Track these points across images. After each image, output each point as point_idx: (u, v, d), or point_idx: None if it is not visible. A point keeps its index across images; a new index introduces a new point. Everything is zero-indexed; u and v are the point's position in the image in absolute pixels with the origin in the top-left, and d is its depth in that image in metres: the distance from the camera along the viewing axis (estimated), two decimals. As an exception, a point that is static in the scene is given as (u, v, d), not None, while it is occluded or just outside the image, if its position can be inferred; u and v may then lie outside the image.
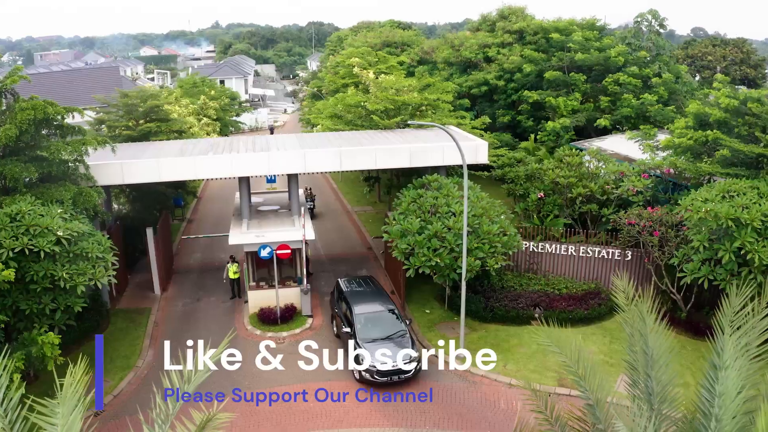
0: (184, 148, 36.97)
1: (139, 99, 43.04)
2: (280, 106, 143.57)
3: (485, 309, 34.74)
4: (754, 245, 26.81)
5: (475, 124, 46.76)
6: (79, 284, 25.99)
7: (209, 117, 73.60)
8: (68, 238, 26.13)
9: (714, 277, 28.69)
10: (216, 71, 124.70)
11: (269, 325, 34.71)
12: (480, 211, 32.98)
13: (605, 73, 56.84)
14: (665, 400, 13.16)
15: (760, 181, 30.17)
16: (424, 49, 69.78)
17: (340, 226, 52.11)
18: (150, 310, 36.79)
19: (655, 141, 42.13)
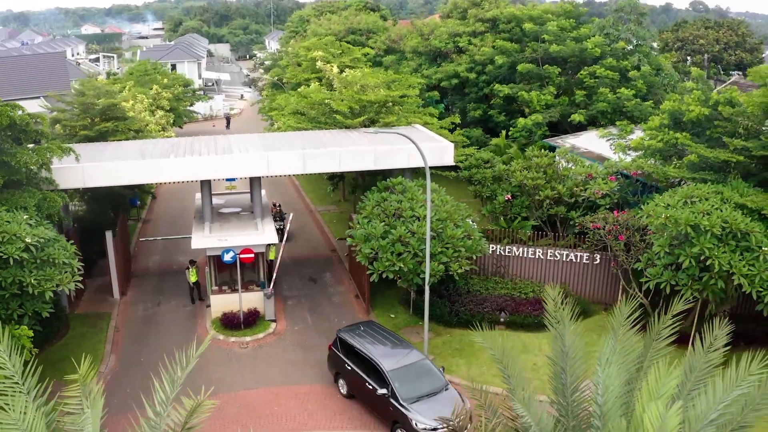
0: (144, 150, 40.41)
1: (95, 96, 46.29)
2: (236, 92, 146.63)
3: (450, 313, 38.60)
4: (714, 251, 30.74)
5: (443, 124, 50.48)
6: (47, 290, 29.51)
7: (162, 108, 76.93)
8: (36, 245, 29.60)
9: (676, 281, 32.66)
10: (167, 54, 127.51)
11: (232, 329, 38.36)
12: (444, 215, 36.79)
13: (581, 65, 60.67)
14: (576, 391, 16.98)
15: (725, 186, 34.13)
16: (391, 37, 73.38)
17: (302, 227, 55.77)
18: (110, 314, 40.29)
19: (626, 140, 46.02)
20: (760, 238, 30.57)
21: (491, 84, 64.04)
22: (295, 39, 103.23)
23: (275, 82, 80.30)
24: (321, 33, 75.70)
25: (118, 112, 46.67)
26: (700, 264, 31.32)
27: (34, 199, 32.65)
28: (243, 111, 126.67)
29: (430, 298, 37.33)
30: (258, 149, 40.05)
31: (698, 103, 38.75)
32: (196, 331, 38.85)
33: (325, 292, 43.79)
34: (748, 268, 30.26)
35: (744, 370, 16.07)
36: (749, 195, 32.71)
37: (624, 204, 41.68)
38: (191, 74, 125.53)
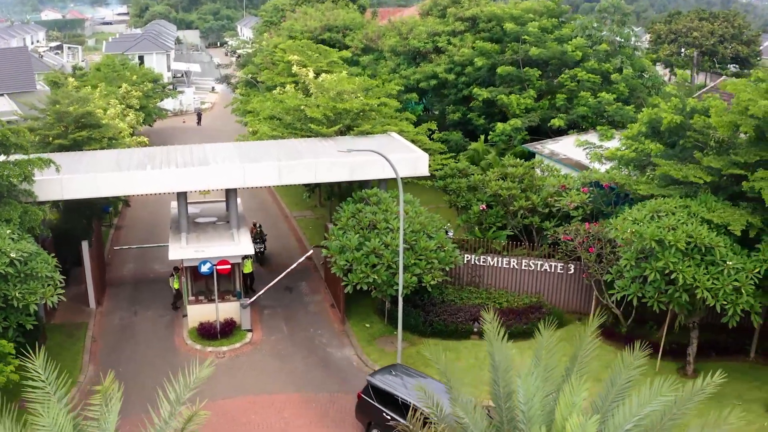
0: (120, 160, 43.82)
1: (69, 103, 49.51)
2: (206, 84, 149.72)
3: (424, 323, 42.24)
4: (678, 265, 34.37)
5: (420, 130, 54.07)
6: (31, 303, 33.02)
7: (132, 107, 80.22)
8: (20, 259, 33.05)
9: (643, 294, 36.37)
10: (134, 45, 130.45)
11: (209, 339, 41.89)
12: (418, 226, 40.41)
13: (562, 67, 64.39)
14: (509, 399, 20.74)
15: (693, 200, 37.70)
16: (368, 35, 76.91)
17: (278, 234, 59.31)
18: (86, 324, 43.74)
19: (602, 149, 49.68)
20: (725, 253, 34.12)
21: (471, 86, 67.67)
22: (270, 33, 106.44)
23: (249, 80, 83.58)
24: (297, 30, 79.07)
25: (92, 120, 49.95)
26: (666, 277, 34.92)
27: (17, 212, 36.04)
28: (214, 105, 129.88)
29: (405, 308, 41.02)
30: (234, 160, 43.55)
31: (673, 110, 42.32)
32: (174, 340, 42.34)
33: (301, 302, 47.37)
34: (712, 281, 33.78)
35: (659, 386, 19.69)
36: (717, 209, 36.23)
37: (599, 214, 45.26)
38: (160, 66, 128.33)
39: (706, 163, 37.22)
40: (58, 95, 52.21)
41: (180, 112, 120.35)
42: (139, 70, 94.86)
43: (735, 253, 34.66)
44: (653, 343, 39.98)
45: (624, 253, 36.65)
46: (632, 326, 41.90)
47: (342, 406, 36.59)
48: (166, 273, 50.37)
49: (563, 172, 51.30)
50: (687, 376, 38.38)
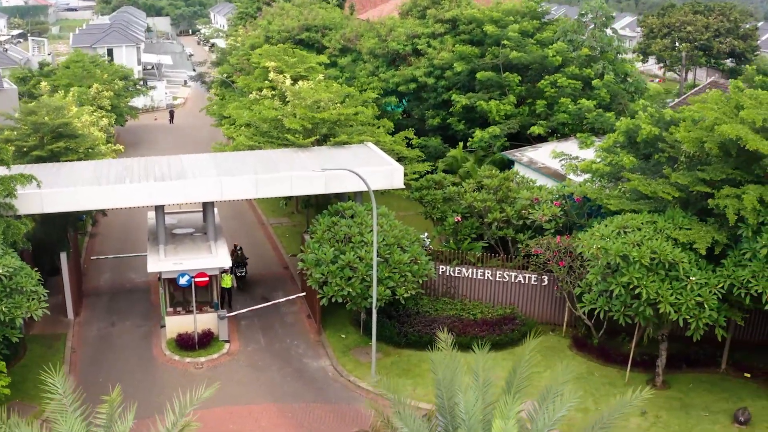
0: (99, 173, 47.60)
1: (46, 113, 53.17)
2: (178, 77, 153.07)
3: (399, 334, 46.19)
4: (642, 280, 38.33)
5: (396, 139, 57.99)
6: (17, 317, 36.84)
7: (104, 108, 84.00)
8: (6, 275, 36.86)
9: (609, 308, 40.40)
10: (102, 38, 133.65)
11: (187, 350, 45.75)
12: (392, 240, 44.38)
13: (543, 72, 68.38)
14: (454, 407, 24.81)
15: (661, 215, 41.55)
16: (346, 35, 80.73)
17: (254, 242, 63.26)
18: (65, 335, 47.55)
19: (578, 160, 53.53)
20: (688, 269, 38.08)
21: (450, 90, 71.62)
22: (245, 27, 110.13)
23: (224, 80, 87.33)
24: (274, 30, 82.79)
25: (69, 130, 53.67)
26: (631, 292, 38.86)
27: (0, 227, 39.84)
28: (187, 100, 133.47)
29: (380, 319, 45.03)
30: (211, 172, 47.46)
31: (650, 122, 46.16)
32: (152, 351, 46.23)
33: (278, 312, 51.27)
34: (676, 296, 37.74)
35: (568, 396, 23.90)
36: (684, 225, 40.03)
37: (573, 226, 49.16)
38: (129, 60, 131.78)
39: (674, 179, 40.95)
40: (33, 106, 55.62)
41: (151, 109, 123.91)
42: (109, 68, 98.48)
43: (700, 268, 38.54)
44: (624, 355, 44.26)
45: (591, 268, 40.64)
46: (604, 338, 45.90)
47: (317, 416, 40.57)
48: (143, 283, 54.56)
49: (540, 182, 55.25)
50: (656, 387, 42.43)
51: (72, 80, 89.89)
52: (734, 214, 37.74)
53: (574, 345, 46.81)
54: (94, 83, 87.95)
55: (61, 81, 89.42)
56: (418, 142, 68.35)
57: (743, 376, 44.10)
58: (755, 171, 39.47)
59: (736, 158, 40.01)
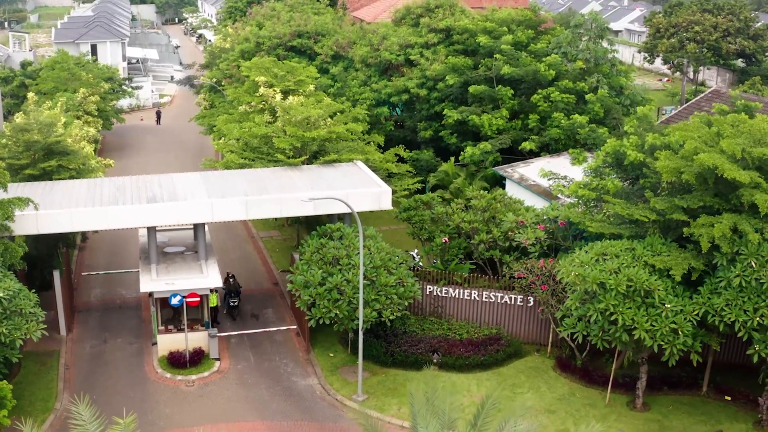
0: (92, 192, 52.02)
1: (38, 131, 57.44)
2: (164, 72, 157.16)
3: (386, 354, 50.61)
4: (619, 307, 42.60)
5: (387, 156, 62.43)
6: (17, 339, 41.27)
7: (91, 114, 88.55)
8: (6, 298, 41.29)
9: (588, 332, 44.79)
10: (85, 33, 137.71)
11: (179, 368, 50.18)
12: (379, 262, 48.82)
13: (536, 86, 72.60)
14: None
15: (640, 242, 45.71)
16: (339, 42, 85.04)
17: (244, 256, 67.81)
18: (58, 352, 51.97)
19: (567, 180, 57.79)
20: (664, 296, 42.35)
21: (443, 101, 76.08)
22: (234, 26, 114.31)
23: (213, 85, 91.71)
24: (265, 36, 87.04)
25: (61, 147, 58.05)
26: (608, 318, 43.17)
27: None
28: (174, 98, 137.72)
29: (367, 338, 49.56)
30: (201, 193, 51.94)
31: (635, 147, 50.37)
32: (144, 369, 50.68)
33: (267, 329, 55.71)
34: (651, 323, 42.02)
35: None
36: (662, 252, 44.27)
37: (559, 247, 53.47)
38: (114, 56, 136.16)
39: (653, 204, 45.24)
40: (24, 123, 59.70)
41: (137, 107, 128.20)
42: (94, 69, 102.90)
43: (676, 295, 42.84)
44: (607, 376, 48.62)
45: (570, 293, 45.03)
46: (587, 359, 50.24)
47: (303, 433, 45.17)
48: (133, 299, 59.08)
49: (530, 200, 59.75)
50: (636, 409, 46.89)
51: (57, 83, 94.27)
52: (708, 243, 41.75)
53: (558, 366, 51.08)
54: (80, 87, 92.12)
55: (47, 85, 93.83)
56: (409, 155, 72.76)
57: (724, 399, 48.10)
58: (732, 200, 43.57)
59: (714, 187, 44.02)
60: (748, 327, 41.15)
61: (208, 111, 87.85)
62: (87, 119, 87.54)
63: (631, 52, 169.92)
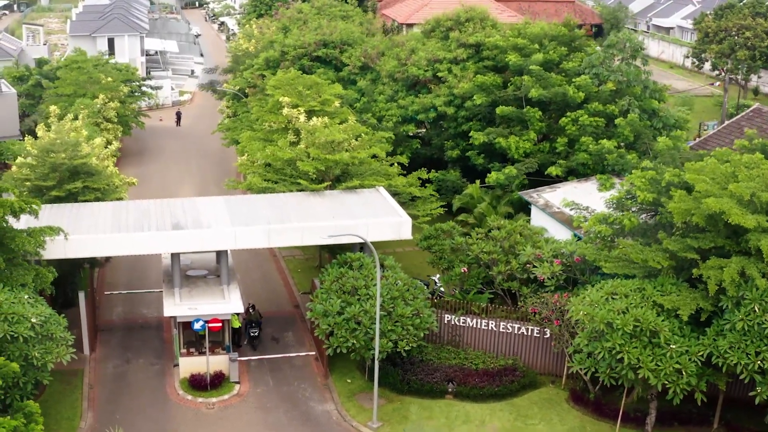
0: (117, 216, 58.51)
1: (63, 152, 63.78)
2: (184, 65, 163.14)
3: (402, 381, 56.84)
4: (625, 346, 48.45)
5: (410, 180, 68.65)
6: (48, 362, 47.86)
7: (111, 121, 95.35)
8: (39, 324, 47.84)
9: (596, 369, 50.79)
10: (102, 26, 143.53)
11: (200, 390, 56.74)
12: (396, 293, 55.12)
13: (565, 108, 78.12)
14: None
15: (651, 281, 51.20)
16: (367, 53, 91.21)
17: (265, 276, 74.50)
18: (82, 371, 58.58)
19: (589, 211, 63.56)
20: (669, 336, 48.10)
21: (471, 120, 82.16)
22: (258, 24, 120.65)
23: (237, 93, 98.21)
24: (290, 45, 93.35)
25: (86, 168, 64.59)
26: (614, 356, 48.95)
27: (30, 275, 50.85)
28: (194, 96, 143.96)
29: (384, 365, 55.87)
30: (224, 218, 58.52)
31: (648, 184, 56.08)
32: (166, 390, 57.22)
33: (287, 353, 62.18)
34: (656, 363, 47.82)
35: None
36: (672, 291, 49.87)
37: (576, 280, 59.27)
38: (132, 50, 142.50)
39: (666, 245, 50.74)
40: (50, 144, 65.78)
41: (156, 106, 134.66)
42: (113, 70, 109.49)
43: (683, 335, 48.63)
44: (619, 410, 54.39)
45: (580, 331, 51.06)
46: (600, 392, 55.98)
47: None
48: (155, 318, 65.76)
49: (553, 228, 66.06)
50: (645, 444, 53.00)
51: (76, 87, 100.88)
52: (715, 285, 47.29)
53: (572, 398, 57.04)
54: (99, 92, 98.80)
55: (66, 89, 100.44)
56: (435, 176, 79.09)
57: (734, 436, 53.61)
58: (741, 243, 48.95)
59: (725, 229, 49.45)
60: (749, 370, 46.62)
61: (231, 121, 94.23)
62: (106, 126, 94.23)
63: (681, 52, 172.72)
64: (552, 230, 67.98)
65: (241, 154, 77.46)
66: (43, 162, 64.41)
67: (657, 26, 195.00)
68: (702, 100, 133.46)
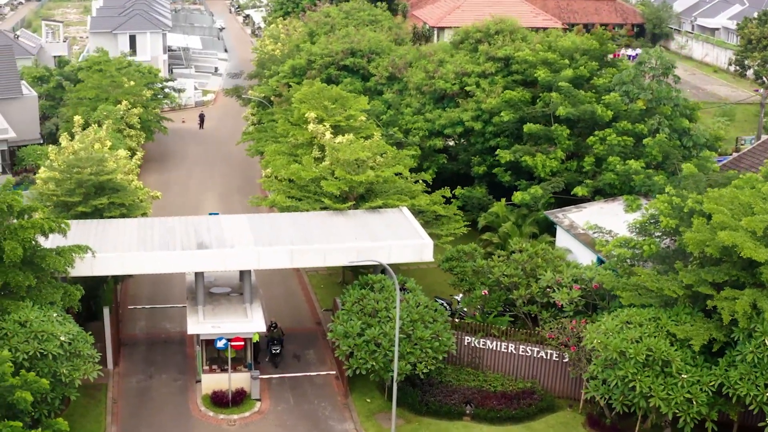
0: (143, 233, 63.32)
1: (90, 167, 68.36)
2: (207, 62, 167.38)
3: (420, 402, 61.25)
4: (638, 375, 52.58)
5: (434, 198, 73.16)
6: (76, 379, 52.78)
7: (134, 127, 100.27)
8: (68, 342, 52.75)
9: (609, 396, 55.16)
10: (124, 23, 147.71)
11: (221, 407, 61.45)
12: (416, 316, 59.69)
13: (593, 126, 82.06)
14: None
15: (667, 311, 55.33)
16: (395, 63, 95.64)
17: (288, 291, 79.33)
18: (106, 386, 63.31)
19: (610, 236, 67.78)
20: (682, 366, 52.31)
21: (498, 136, 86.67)
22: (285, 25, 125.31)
23: (262, 101, 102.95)
24: (317, 54, 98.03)
25: (112, 184, 69.39)
26: (627, 384, 53.17)
27: (59, 293, 55.81)
28: (218, 96, 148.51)
29: (403, 386, 60.38)
30: (248, 237, 63.39)
31: (669, 212, 60.28)
32: (188, 406, 61.98)
33: (308, 371, 66.96)
34: (667, 392, 52.08)
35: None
36: (686, 321, 53.99)
37: (596, 305, 63.38)
38: (154, 48, 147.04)
39: (681, 277, 54.70)
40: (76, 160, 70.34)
41: (178, 107, 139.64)
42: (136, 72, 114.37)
43: (696, 365, 52.87)
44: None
45: (594, 359, 55.43)
46: (617, 418, 59.78)
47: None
48: (178, 333, 70.63)
49: (576, 250, 70.86)
50: (659, 471, 57.24)
51: (98, 91, 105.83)
52: (729, 316, 51.31)
53: (588, 423, 61.07)
54: (122, 96, 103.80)
55: (87, 93, 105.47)
56: (461, 192, 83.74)
57: (751, 463, 57.47)
58: (756, 276, 52.81)
59: (740, 260, 53.25)
60: (759, 401, 50.76)
61: (256, 129, 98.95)
62: (129, 133, 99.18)
63: (726, 55, 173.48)
64: (576, 252, 72.41)
65: (266, 167, 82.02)
66: (69, 177, 68.83)
67: (701, 27, 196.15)
68: (745, 108, 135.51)
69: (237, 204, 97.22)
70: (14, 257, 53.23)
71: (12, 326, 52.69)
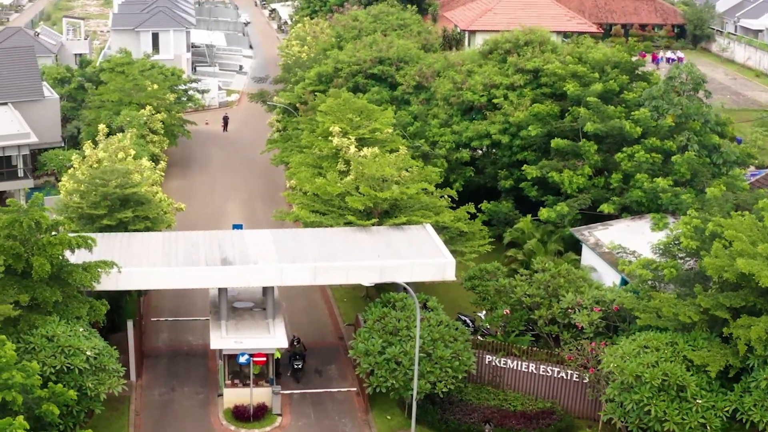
0: (167, 248, 67.31)
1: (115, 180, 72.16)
2: (232, 59, 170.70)
3: (440, 421, 64.91)
4: (653, 399, 56.00)
5: (459, 214, 76.85)
6: (101, 392, 56.91)
7: (157, 132, 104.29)
8: (94, 356, 56.88)
9: (625, 419, 58.74)
10: (147, 20, 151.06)
11: (243, 421, 65.26)
12: (437, 335, 63.45)
13: (622, 142, 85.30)
14: None
15: (684, 335, 58.70)
16: (423, 71, 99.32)
17: (311, 305, 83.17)
18: (129, 398, 67.15)
19: (635, 255, 71.15)
20: (697, 391, 55.77)
21: (526, 150, 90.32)
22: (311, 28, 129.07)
23: (287, 108, 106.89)
24: (344, 62, 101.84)
25: (137, 197, 73.39)
26: (642, 408, 56.52)
27: (85, 308, 59.94)
28: (242, 97, 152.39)
29: (423, 404, 64.06)
30: (272, 253, 67.36)
31: (692, 234, 63.78)
32: (210, 420, 65.87)
33: (329, 387, 70.75)
34: (682, 416, 55.53)
35: None
36: (703, 347, 57.40)
37: (617, 326, 66.94)
38: (178, 46, 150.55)
39: (699, 301, 57.94)
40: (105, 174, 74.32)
41: (201, 107, 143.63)
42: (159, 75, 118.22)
43: (711, 390, 56.41)
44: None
45: (611, 382, 59.04)
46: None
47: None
48: (200, 346, 74.46)
49: (601, 268, 74.85)
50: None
51: (121, 94, 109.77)
52: (745, 344, 54.72)
53: (606, 444, 64.93)
54: (146, 101, 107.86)
55: (110, 96, 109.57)
56: (487, 207, 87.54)
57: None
58: None
59: (758, 287, 56.27)
60: (771, 429, 54.18)
61: (281, 136, 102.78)
62: (152, 138, 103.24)
63: None
64: (601, 270, 76.07)
65: (290, 178, 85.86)
66: (94, 189, 72.78)
67: (745, 28, 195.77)
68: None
69: (260, 214, 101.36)
70: (42, 273, 57.46)
71: (39, 341, 57.03)
